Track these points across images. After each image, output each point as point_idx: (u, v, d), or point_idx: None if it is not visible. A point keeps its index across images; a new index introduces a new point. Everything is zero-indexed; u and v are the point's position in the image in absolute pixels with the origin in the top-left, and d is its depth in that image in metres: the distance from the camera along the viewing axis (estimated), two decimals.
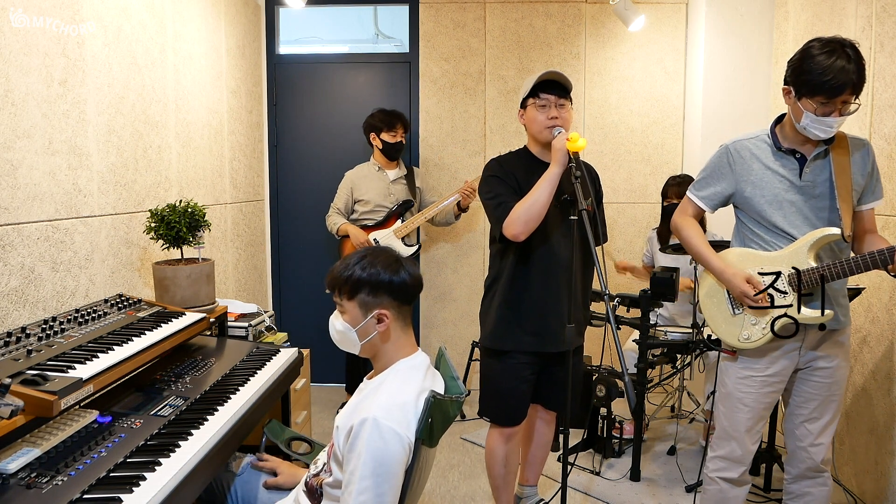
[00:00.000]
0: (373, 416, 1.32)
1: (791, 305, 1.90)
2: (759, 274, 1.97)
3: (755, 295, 1.92)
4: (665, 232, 3.32)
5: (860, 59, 1.75)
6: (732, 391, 2.06)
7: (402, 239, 3.52)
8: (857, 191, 1.90)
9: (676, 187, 3.21)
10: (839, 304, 1.95)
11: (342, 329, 1.49)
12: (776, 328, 1.92)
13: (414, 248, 3.56)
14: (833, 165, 1.88)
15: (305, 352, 2.57)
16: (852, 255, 1.95)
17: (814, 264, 1.86)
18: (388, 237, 3.48)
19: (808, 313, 1.90)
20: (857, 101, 1.78)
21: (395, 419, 1.33)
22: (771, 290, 1.93)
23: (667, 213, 3.24)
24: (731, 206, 2.11)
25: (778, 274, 1.92)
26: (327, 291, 1.55)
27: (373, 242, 3.45)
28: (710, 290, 2.11)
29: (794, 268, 1.89)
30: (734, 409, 2.05)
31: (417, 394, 1.42)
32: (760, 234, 1.99)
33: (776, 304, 1.93)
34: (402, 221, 3.52)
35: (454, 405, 1.48)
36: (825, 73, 1.73)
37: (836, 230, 1.86)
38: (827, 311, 1.88)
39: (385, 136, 3.52)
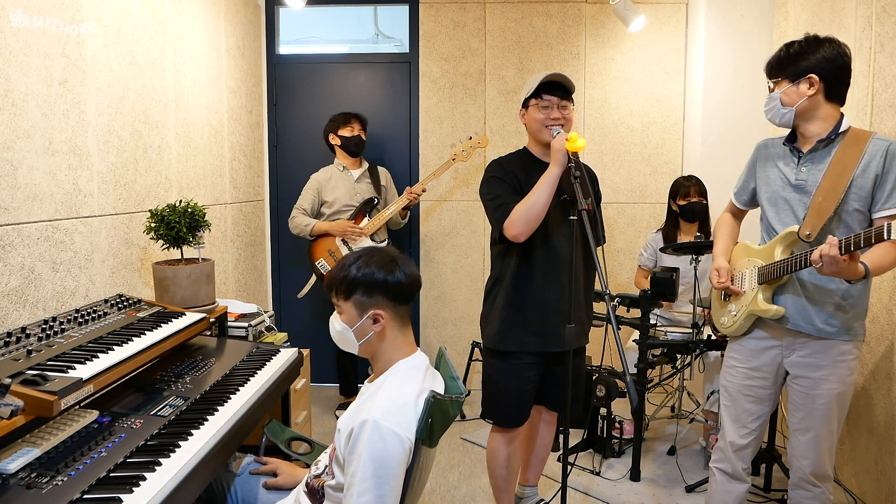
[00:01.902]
0: (372, 418, 1.32)
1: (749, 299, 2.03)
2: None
3: (719, 281, 2.09)
4: (673, 232, 3.33)
5: (797, 46, 1.86)
6: (721, 380, 2.15)
7: (371, 236, 3.51)
8: (858, 194, 1.82)
9: (696, 187, 3.22)
10: (824, 309, 1.87)
11: (340, 329, 1.50)
12: (742, 318, 2.02)
13: (382, 245, 3.56)
14: (831, 164, 1.85)
15: (305, 352, 2.57)
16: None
17: (780, 258, 1.92)
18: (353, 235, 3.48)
19: (761, 305, 1.95)
20: (779, 81, 1.89)
21: (394, 420, 1.33)
22: (741, 288, 2.06)
23: (689, 211, 3.24)
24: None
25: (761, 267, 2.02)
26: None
27: (361, 228, 3.44)
28: None
29: (762, 263, 1.99)
30: (721, 398, 2.14)
31: (417, 394, 1.42)
32: (762, 231, 2.06)
33: (732, 311, 2.07)
34: (369, 219, 3.52)
35: (454, 405, 1.48)
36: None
37: (794, 228, 1.88)
38: (776, 307, 1.92)
39: (342, 132, 3.52)
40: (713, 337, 2.97)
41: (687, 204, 3.23)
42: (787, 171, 1.94)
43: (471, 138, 3.53)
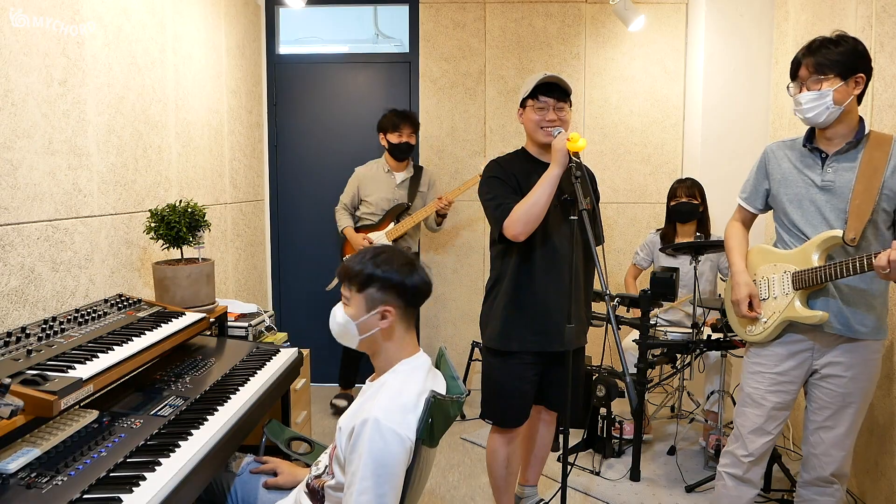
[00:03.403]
0: (374, 417, 1.32)
1: (765, 321, 2.00)
2: (764, 278, 2.02)
3: (745, 311, 2.03)
4: (670, 233, 3.33)
5: (831, 42, 1.84)
6: (743, 386, 2.10)
7: (395, 241, 3.51)
8: (888, 195, 1.84)
9: (686, 188, 3.23)
10: (858, 311, 1.90)
11: (342, 321, 1.50)
12: (775, 325, 1.96)
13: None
14: (861, 166, 1.85)
15: (305, 352, 2.57)
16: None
17: (818, 265, 1.87)
18: (380, 239, 3.48)
19: (803, 311, 1.91)
20: (829, 78, 1.83)
21: (395, 420, 1.34)
22: (766, 294, 2.01)
23: (676, 211, 3.24)
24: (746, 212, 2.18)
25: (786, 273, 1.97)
26: (335, 281, 1.55)
27: (372, 242, 3.45)
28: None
29: (795, 268, 1.93)
30: (743, 404, 2.08)
31: (418, 394, 1.42)
32: (783, 234, 2.03)
33: (762, 318, 2.02)
34: (396, 224, 3.52)
35: (455, 405, 1.48)
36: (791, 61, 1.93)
37: (838, 232, 1.85)
38: (821, 313, 1.88)
39: (390, 137, 3.51)
40: (713, 337, 2.97)
41: (676, 204, 3.25)
42: (810, 173, 1.93)
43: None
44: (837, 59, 1.83)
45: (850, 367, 1.93)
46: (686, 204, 3.21)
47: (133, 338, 1.73)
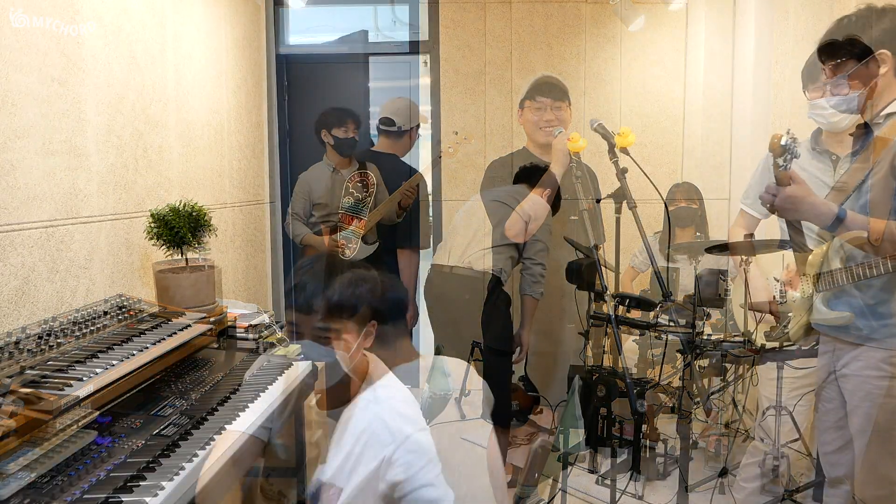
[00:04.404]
0: (406, 448, 1.34)
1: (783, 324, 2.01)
2: (777, 280, 2.02)
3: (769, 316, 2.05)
4: (664, 236, 3.34)
5: (849, 45, 1.87)
6: (764, 393, 2.10)
7: (363, 237, 3.49)
8: None
9: (684, 192, 3.25)
10: (878, 309, 1.89)
11: (339, 359, 1.38)
12: (792, 330, 1.96)
13: (374, 246, 3.52)
14: (872, 166, 1.86)
15: (320, 365, 2.54)
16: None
17: (839, 266, 1.86)
18: (349, 237, 3.47)
19: (828, 313, 1.90)
20: (856, 83, 1.82)
21: (419, 424, 1.36)
22: (784, 297, 2.03)
23: (675, 216, 3.26)
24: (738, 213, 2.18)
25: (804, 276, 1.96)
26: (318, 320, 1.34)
27: (343, 242, 3.43)
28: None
29: (814, 270, 1.92)
30: (767, 412, 2.11)
31: (408, 389, 1.45)
32: (793, 236, 2.02)
33: (782, 323, 2.02)
34: (360, 220, 3.50)
35: (443, 402, 1.49)
36: (806, 63, 1.91)
37: (862, 232, 1.85)
38: (847, 314, 1.87)
39: (336, 132, 3.47)
40: (714, 337, 2.97)
41: (675, 209, 3.26)
42: (821, 175, 1.95)
43: (456, 133, 3.52)
44: (862, 64, 1.84)
45: (869, 367, 1.92)
46: (685, 209, 3.23)
47: (133, 338, 1.73)
